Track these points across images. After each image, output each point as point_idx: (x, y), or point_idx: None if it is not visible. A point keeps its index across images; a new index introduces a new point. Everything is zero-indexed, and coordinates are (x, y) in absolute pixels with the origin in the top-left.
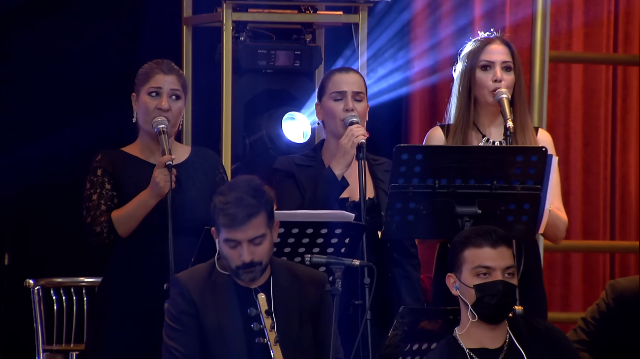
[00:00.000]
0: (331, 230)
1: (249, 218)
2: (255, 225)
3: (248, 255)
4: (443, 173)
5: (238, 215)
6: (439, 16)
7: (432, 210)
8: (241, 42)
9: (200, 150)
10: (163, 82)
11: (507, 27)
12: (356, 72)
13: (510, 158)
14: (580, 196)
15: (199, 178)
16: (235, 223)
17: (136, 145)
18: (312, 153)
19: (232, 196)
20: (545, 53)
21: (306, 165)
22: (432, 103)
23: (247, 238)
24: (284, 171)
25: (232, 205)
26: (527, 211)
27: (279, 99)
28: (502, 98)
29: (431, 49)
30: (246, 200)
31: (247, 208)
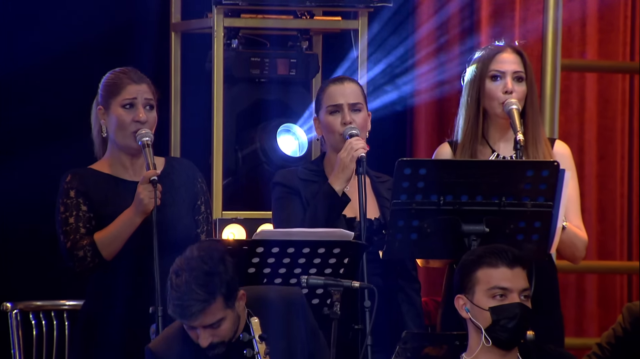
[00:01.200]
0: (329, 250)
1: (200, 312)
2: (211, 313)
3: (205, 340)
4: (448, 189)
5: (189, 309)
6: (445, 21)
7: (437, 228)
8: (233, 50)
9: (174, 160)
10: (137, 93)
11: (515, 34)
12: (352, 81)
13: (520, 173)
14: (595, 213)
15: (178, 191)
16: (186, 317)
17: (105, 162)
18: (314, 167)
19: (183, 286)
20: (557, 61)
21: (310, 180)
22: (438, 115)
23: (202, 325)
24: (287, 186)
25: (182, 297)
26: (538, 230)
27: (274, 110)
28: (512, 109)
29: (438, 57)
30: (196, 293)
31: (197, 303)
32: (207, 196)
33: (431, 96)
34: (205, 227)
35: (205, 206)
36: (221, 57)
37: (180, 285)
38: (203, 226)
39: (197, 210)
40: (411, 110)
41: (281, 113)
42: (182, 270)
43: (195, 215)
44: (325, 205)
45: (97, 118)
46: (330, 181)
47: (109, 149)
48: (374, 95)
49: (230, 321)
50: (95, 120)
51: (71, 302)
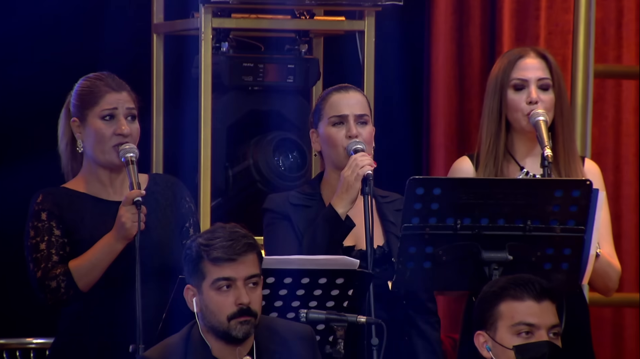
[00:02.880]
0: (331, 280)
1: (246, 251)
2: (252, 262)
3: (246, 296)
4: (466, 211)
5: (235, 246)
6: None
7: (454, 256)
8: (223, 54)
9: (158, 177)
10: (117, 102)
11: (540, 35)
12: (358, 90)
13: (548, 193)
14: (634, 239)
15: (163, 212)
16: (232, 253)
17: (81, 179)
18: (309, 190)
19: (221, 232)
20: (590, 67)
21: (303, 205)
22: (459, 125)
23: (243, 276)
24: (277, 212)
25: (223, 238)
26: (568, 258)
27: (269, 122)
28: (539, 121)
29: (457, 58)
30: (240, 233)
31: (243, 238)
32: (196, 217)
33: (450, 102)
34: None
35: (194, 229)
36: (209, 62)
37: (218, 233)
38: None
39: (184, 233)
40: (427, 119)
41: (277, 126)
42: (214, 229)
43: (183, 239)
44: (326, 230)
45: (65, 130)
46: (332, 203)
47: (85, 165)
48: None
49: (260, 292)
50: (64, 133)
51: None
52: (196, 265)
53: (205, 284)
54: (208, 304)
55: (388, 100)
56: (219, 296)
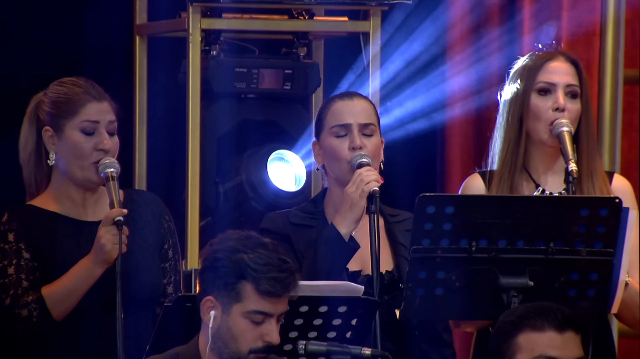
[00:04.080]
0: (333, 308)
1: (293, 287)
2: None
3: (277, 335)
4: (482, 232)
5: (287, 282)
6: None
7: (468, 282)
8: (213, 58)
9: (135, 193)
10: (99, 114)
11: (563, 37)
12: (363, 98)
13: (572, 212)
14: None
15: (141, 233)
16: (282, 291)
17: (50, 197)
18: (311, 208)
19: (270, 258)
20: (619, 72)
21: (305, 225)
22: (477, 135)
23: (279, 312)
24: (276, 233)
25: (275, 268)
26: (594, 284)
27: (264, 133)
28: (563, 132)
29: (474, 64)
30: (290, 266)
31: (294, 274)
32: (175, 238)
33: (467, 111)
34: (173, 278)
35: (173, 250)
36: (198, 67)
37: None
38: (170, 276)
39: (163, 255)
40: (442, 130)
41: (273, 137)
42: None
43: (162, 262)
44: (327, 252)
45: (28, 138)
46: (334, 223)
47: (55, 181)
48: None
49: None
50: (28, 141)
51: None
52: (233, 282)
53: (238, 308)
54: (232, 329)
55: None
56: (248, 327)
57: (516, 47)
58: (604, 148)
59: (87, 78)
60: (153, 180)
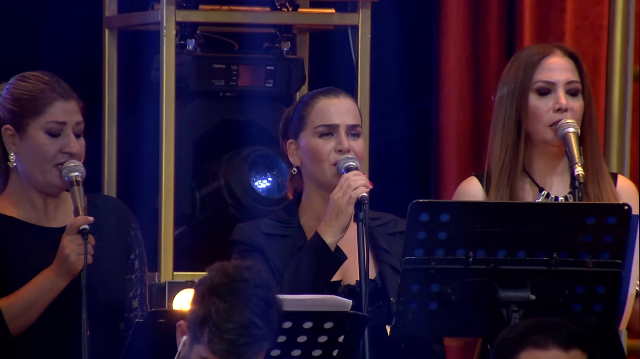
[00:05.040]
0: (319, 324)
1: (255, 355)
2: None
3: None
4: (480, 241)
5: (243, 349)
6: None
7: (465, 295)
8: (189, 53)
9: (99, 199)
10: (66, 114)
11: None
12: (349, 96)
13: (578, 220)
14: None
15: (106, 242)
16: (233, 356)
17: (7, 200)
18: (285, 216)
19: (238, 314)
20: (628, 69)
21: (278, 235)
22: (474, 138)
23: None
24: (247, 244)
25: (236, 329)
26: (602, 298)
27: (244, 135)
28: (569, 133)
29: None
30: (258, 327)
31: (257, 341)
32: (142, 248)
33: (463, 112)
34: (139, 291)
35: (139, 261)
36: (173, 63)
37: (234, 315)
38: (136, 289)
39: (129, 266)
40: (436, 131)
41: (254, 139)
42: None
43: (128, 274)
44: (312, 263)
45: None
46: (319, 231)
47: (14, 183)
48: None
49: None
50: None
51: None
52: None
53: (197, 349)
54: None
55: (386, 109)
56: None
57: (517, 42)
58: (612, 151)
59: (52, 74)
60: (123, 185)
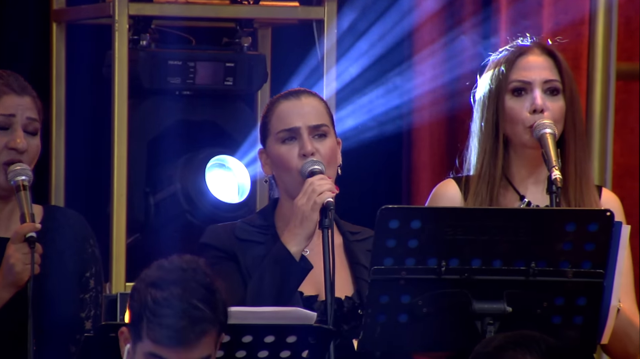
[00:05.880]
0: (281, 338)
1: (198, 338)
2: (204, 345)
3: None
4: (453, 249)
5: (184, 332)
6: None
7: (437, 307)
8: (143, 49)
9: (57, 211)
10: (16, 108)
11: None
12: (312, 95)
13: (557, 227)
14: None
15: (61, 257)
16: (174, 341)
17: None
18: (260, 221)
19: (176, 298)
20: (611, 66)
21: (254, 241)
22: (449, 139)
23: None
24: (219, 249)
25: (174, 313)
26: (582, 310)
27: (202, 136)
28: (545, 134)
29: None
30: (198, 309)
31: (198, 323)
32: (99, 266)
33: (437, 110)
34: (93, 311)
35: (95, 280)
36: (125, 60)
37: (171, 299)
38: (90, 309)
39: (83, 285)
40: (409, 132)
41: (213, 141)
42: (168, 282)
43: (81, 293)
44: (275, 274)
45: None
46: (283, 240)
47: None
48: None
49: None
50: None
51: None
52: (136, 317)
53: (140, 347)
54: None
55: (355, 108)
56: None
57: (493, 39)
58: (593, 153)
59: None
60: (72, 190)
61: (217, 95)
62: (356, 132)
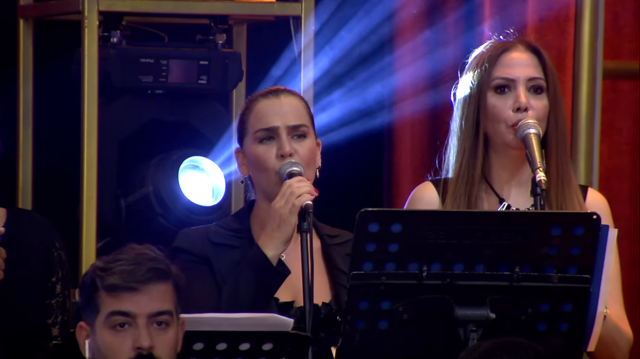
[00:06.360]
0: (257, 345)
1: (152, 278)
2: (162, 294)
3: (147, 338)
4: (435, 254)
5: (137, 271)
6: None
7: (418, 314)
8: (113, 46)
9: (21, 214)
10: None
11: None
12: (292, 94)
13: (542, 230)
14: None
15: (25, 262)
16: (132, 280)
17: None
18: (235, 224)
19: (126, 254)
20: (597, 64)
21: (229, 245)
22: (431, 139)
23: (146, 312)
24: (192, 254)
25: (126, 261)
26: (568, 316)
27: (175, 136)
28: (529, 134)
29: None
30: (148, 255)
31: (151, 261)
32: (66, 271)
33: (419, 110)
34: (60, 318)
35: (62, 285)
36: (95, 57)
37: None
38: (56, 315)
39: (49, 290)
40: (389, 132)
41: (186, 142)
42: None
43: (47, 298)
44: (251, 279)
45: None
46: (260, 244)
47: None
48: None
49: (174, 335)
50: None
51: None
52: (90, 295)
53: (99, 320)
54: (100, 347)
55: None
56: (114, 337)
57: (475, 34)
58: (579, 155)
59: None
60: (40, 192)
61: (190, 94)
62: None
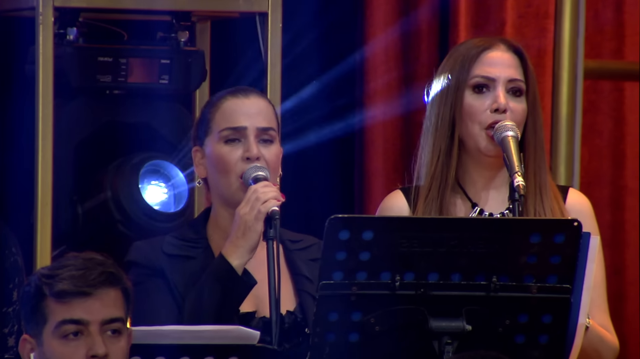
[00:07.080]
0: None
1: (104, 283)
2: (113, 300)
3: (102, 345)
4: (408, 263)
5: (87, 275)
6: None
7: (391, 325)
8: (70, 44)
9: None
10: None
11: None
12: (261, 96)
13: (520, 238)
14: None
15: None
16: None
17: None
18: (190, 234)
19: (72, 260)
20: (578, 64)
21: (183, 256)
22: (404, 144)
23: (99, 319)
24: (145, 266)
25: (74, 266)
26: (548, 328)
27: (135, 139)
28: (507, 137)
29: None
30: (97, 260)
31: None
32: (22, 277)
33: (391, 113)
34: (16, 326)
35: (18, 293)
36: (50, 56)
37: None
38: (13, 324)
39: (6, 298)
40: (360, 136)
41: (147, 145)
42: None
43: (3, 306)
44: (216, 290)
45: None
46: (223, 253)
47: None
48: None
49: (125, 343)
50: None
51: None
52: (35, 305)
53: (47, 330)
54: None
55: (302, 108)
56: (65, 347)
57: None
58: (559, 158)
59: None
60: None
61: (151, 95)
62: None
